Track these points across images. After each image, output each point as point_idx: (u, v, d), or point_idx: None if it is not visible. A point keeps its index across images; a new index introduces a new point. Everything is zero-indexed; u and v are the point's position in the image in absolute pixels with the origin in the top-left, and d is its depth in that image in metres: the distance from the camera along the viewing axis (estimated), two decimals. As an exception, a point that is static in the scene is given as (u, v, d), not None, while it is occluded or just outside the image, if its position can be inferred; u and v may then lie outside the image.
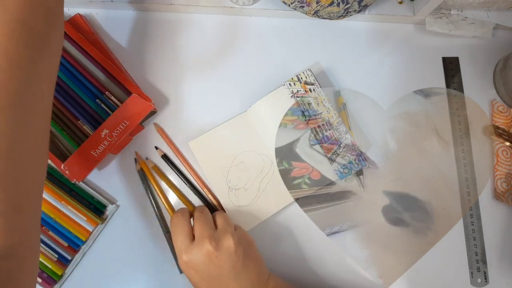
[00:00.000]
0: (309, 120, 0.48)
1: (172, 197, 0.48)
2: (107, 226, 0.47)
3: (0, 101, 0.26)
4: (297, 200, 0.46)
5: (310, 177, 0.43)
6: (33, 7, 0.29)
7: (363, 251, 0.46)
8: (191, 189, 0.48)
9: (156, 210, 0.47)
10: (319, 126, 0.48)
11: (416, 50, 0.53)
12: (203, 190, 0.48)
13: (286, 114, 0.46)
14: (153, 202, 0.47)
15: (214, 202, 0.47)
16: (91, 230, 0.46)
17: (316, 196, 0.45)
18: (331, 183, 0.43)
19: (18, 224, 0.28)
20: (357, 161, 0.47)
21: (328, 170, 0.44)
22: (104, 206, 0.47)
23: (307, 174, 0.43)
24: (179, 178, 0.48)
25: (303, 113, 0.48)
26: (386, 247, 0.47)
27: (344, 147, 0.47)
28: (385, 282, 0.46)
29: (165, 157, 0.48)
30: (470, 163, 0.49)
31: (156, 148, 0.49)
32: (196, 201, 0.48)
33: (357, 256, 0.46)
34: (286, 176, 0.44)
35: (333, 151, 0.47)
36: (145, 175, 0.47)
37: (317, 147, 0.43)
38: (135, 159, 0.48)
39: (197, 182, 0.48)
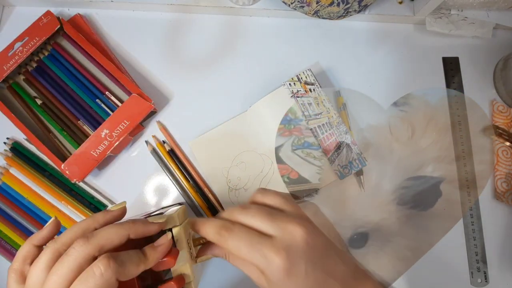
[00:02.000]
0: (309, 120, 0.48)
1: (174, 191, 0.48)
2: (107, 226, 0.47)
3: None
4: None
5: (289, 177, 0.47)
6: None
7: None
8: (196, 188, 0.48)
9: (175, 182, 0.48)
10: (319, 126, 0.48)
11: (416, 50, 0.53)
12: (204, 189, 0.48)
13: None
14: (170, 176, 0.48)
15: (214, 200, 0.47)
16: (91, 230, 0.46)
17: (293, 192, 0.47)
18: (307, 181, 0.47)
19: None
20: (357, 161, 0.47)
21: (305, 171, 0.47)
22: (104, 206, 0.47)
23: (286, 174, 0.47)
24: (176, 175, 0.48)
25: (303, 113, 0.48)
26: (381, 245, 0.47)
27: (344, 147, 0.47)
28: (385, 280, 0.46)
29: (154, 152, 0.48)
30: (470, 163, 0.49)
31: (147, 142, 0.49)
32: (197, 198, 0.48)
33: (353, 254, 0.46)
34: None
35: (333, 151, 0.47)
36: (158, 154, 0.48)
37: (298, 151, 0.47)
38: (146, 141, 0.49)
39: (199, 181, 0.48)
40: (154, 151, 0.48)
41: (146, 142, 0.49)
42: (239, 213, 0.30)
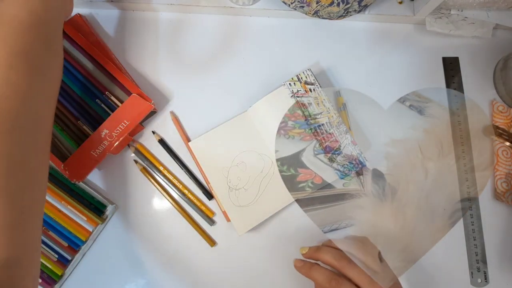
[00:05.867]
0: (309, 120, 0.48)
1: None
2: (107, 226, 0.47)
3: (2, 126, 0.29)
4: (301, 200, 0.47)
5: (313, 182, 0.46)
6: (31, 38, 0.32)
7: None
8: (188, 175, 0.48)
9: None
10: (319, 126, 0.48)
11: (416, 50, 0.53)
12: (206, 183, 0.48)
13: (293, 127, 0.48)
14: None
15: (212, 191, 0.48)
16: (91, 230, 0.46)
17: (319, 197, 0.47)
18: (332, 186, 0.47)
19: (20, 237, 0.30)
20: (357, 161, 0.47)
21: (329, 176, 0.47)
22: (104, 206, 0.47)
23: (310, 179, 0.47)
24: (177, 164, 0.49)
25: (303, 113, 0.48)
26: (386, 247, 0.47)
27: (344, 147, 0.47)
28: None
29: (161, 142, 0.49)
30: (470, 163, 0.49)
31: (153, 132, 0.49)
32: (195, 189, 0.48)
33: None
34: (293, 180, 0.47)
35: (333, 151, 0.47)
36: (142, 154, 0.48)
37: (321, 156, 0.47)
38: (128, 145, 0.49)
39: (202, 175, 0.48)
40: (162, 141, 0.49)
41: (153, 132, 0.49)
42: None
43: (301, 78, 0.49)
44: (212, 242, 0.47)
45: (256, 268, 0.47)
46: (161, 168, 0.48)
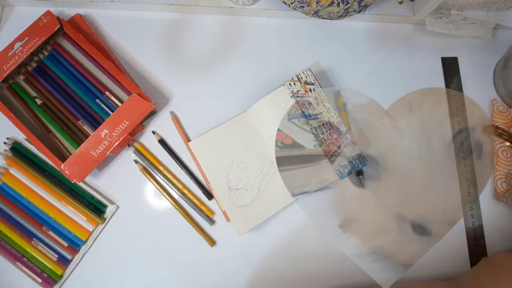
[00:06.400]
0: (309, 120, 0.48)
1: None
2: (107, 226, 0.47)
3: None
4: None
5: (283, 142, 0.47)
6: None
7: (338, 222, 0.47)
8: (188, 175, 0.48)
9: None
10: (319, 126, 0.48)
11: (416, 50, 0.53)
12: (206, 183, 0.48)
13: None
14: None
15: (212, 191, 0.48)
16: (91, 230, 0.46)
17: (288, 158, 0.47)
18: (302, 147, 0.47)
19: None
20: (357, 161, 0.47)
21: (300, 138, 0.48)
22: (104, 206, 0.47)
23: (280, 139, 0.48)
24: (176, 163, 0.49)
25: (303, 113, 0.48)
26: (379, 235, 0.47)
27: (344, 147, 0.47)
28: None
29: (161, 142, 0.49)
30: (470, 163, 0.49)
31: (153, 132, 0.49)
32: (195, 189, 0.48)
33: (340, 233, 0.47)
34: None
35: (333, 151, 0.47)
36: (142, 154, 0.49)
37: (295, 120, 0.48)
38: (128, 145, 0.48)
39: (202, 175, 0.48)
40: (162, 141, 0.49)
41: (153, 132, 0.49)
42: None
43: (301, 78, 0.49)
44: (212, 242, 0.47)
45: (256, 268, 0.47)
46: (161, 168, 0.48)
